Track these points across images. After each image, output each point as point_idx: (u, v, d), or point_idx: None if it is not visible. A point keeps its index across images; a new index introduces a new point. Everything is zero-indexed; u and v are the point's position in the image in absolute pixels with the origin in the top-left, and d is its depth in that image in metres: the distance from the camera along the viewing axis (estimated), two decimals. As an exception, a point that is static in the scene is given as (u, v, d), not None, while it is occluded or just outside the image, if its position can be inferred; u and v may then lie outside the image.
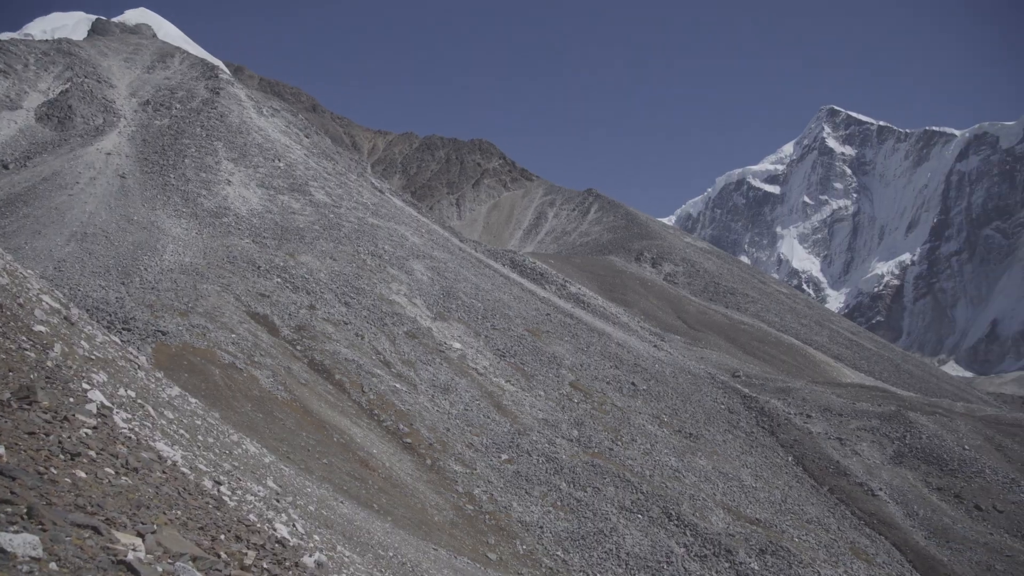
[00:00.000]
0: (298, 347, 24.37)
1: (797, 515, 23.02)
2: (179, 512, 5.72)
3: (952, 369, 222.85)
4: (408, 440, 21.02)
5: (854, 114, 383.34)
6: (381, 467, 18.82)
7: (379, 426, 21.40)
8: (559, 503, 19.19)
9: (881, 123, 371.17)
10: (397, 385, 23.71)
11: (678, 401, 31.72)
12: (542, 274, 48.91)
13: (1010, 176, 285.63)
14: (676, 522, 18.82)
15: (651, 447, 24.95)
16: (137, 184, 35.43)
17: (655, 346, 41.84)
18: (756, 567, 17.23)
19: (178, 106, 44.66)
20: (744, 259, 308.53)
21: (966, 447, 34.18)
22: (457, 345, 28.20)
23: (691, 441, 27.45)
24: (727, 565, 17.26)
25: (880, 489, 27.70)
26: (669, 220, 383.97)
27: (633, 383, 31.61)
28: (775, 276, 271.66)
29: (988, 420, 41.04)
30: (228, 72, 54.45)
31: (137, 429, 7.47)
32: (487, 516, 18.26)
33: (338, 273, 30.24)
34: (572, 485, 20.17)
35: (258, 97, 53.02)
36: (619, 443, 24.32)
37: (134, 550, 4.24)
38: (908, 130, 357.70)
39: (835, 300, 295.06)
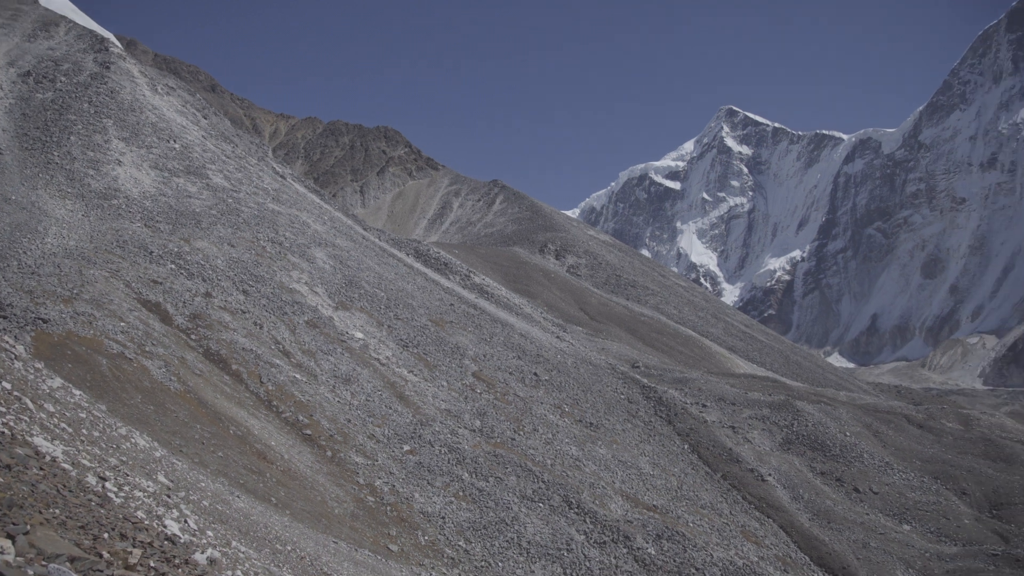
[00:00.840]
0: (193, 336, 23.46)
1: (692, 501, 23.80)
2: (57, 511, 5.39)
3: (836, 360, 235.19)
4: (308, 432, 20.59)
5: (751, 115, 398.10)
6: (280, 460, 18.36)
7: (278, 417, 20.87)
8: (461, 493, 19.20)
9: (776, 125, 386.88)
10: (297, 375, 23.17)
11: (579, 391, 32.23)
12: (446, 264, 48.75)
13: (891, 180, 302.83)
14: (576, 510, 19.13)
15: (552, 436, 25.26)
16: (16, 161, 33.24)
17: (557, 337, 42.38)
18: (653, 552, 17.70)
19: (63, 79, 42.07)
20: (645, 252, 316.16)
21: (847, 434, 36.13)
22: (359, 335, 27.78)
23: (591, 430, 27.94)
24: (625, 551, 17.68)
25: (769, 474, 28.96)
26: (573, 213, 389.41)
27: (535, 373, 31.91)
28: (674, 270, 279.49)
29: (867, 408, 43.48)
30: (119, 46, 51.66)
31: (12, 423, 7.00)
32: (388, 508, 18.08)
33: (236, 260, 29.26)
34: (474, 475, 20.21)
35: (152, 74, 50.59)
36: (521, 433, 24.51)
37: (2, 553, 3.96)
38: (800, 132, 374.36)
39: (730, 294, 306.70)
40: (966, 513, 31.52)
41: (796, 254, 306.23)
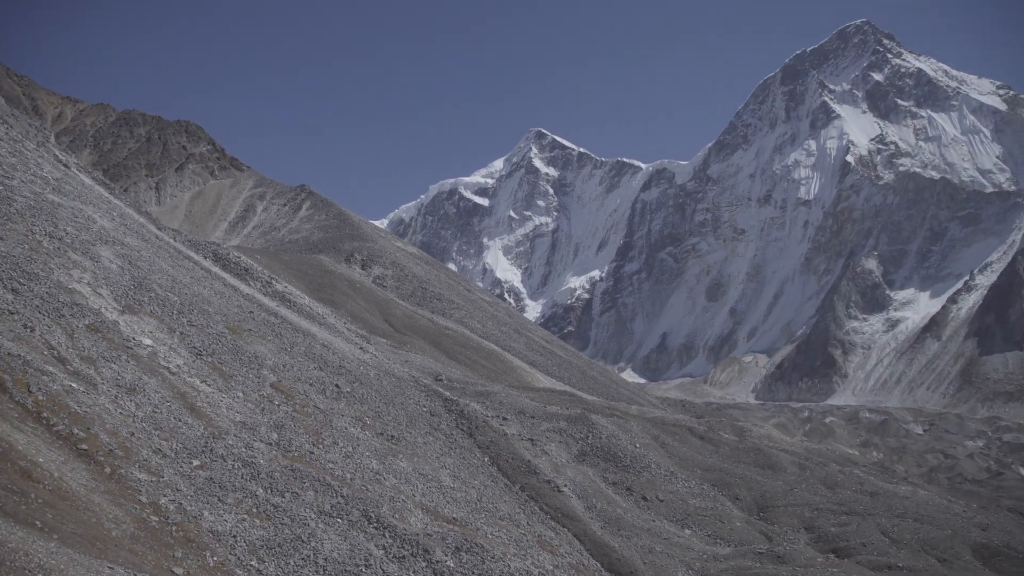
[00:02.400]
0: (-56, 339, 20.69)
1: (491, 513, 24.18)
2: None
3: (629, 376, 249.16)
4: (84, 446, 18.75)
5: (559, 138, 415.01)
6: (48, 478, 16.57)
7: (48, 431, 18.84)
8: (255, 510, 18.27)
9: (581, 150, 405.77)
10: (73, 384, 21.06)
11: (382, 404, 31.85)
12: (247, 269, 46.57)
13: (682, 209, 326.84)
14: (376, 525, 18.81)
15: (353, 450, 24.72)
16: None
17: (361, 348, 41.70)
18: (452, 564, 17.76)
19: None
20: (452, 266, 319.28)
21: (637, 445, 38.35)
22: (148, 341, 25.79)
23: (393, 443, 27.67)
24: (424, 564, 17.60)
25: (565, 485, 30.09)
26: (382, 223, 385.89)
27: (337, 385, 31.16)
28: (480, 284, 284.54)
29: (655, 421, 46.41)
30: None
31: None
32: (174, 527, 16.84)
33: (6, 255, 26.18)
34: (269, 491, 19.32)
35: (-95, 40, 44.43)
36: (320, 446, 23.78)
37: None
38: (604, 159, 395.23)
39: (533, 310, 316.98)
40: (738, 516, 34.43)
41: (595, 274, 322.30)
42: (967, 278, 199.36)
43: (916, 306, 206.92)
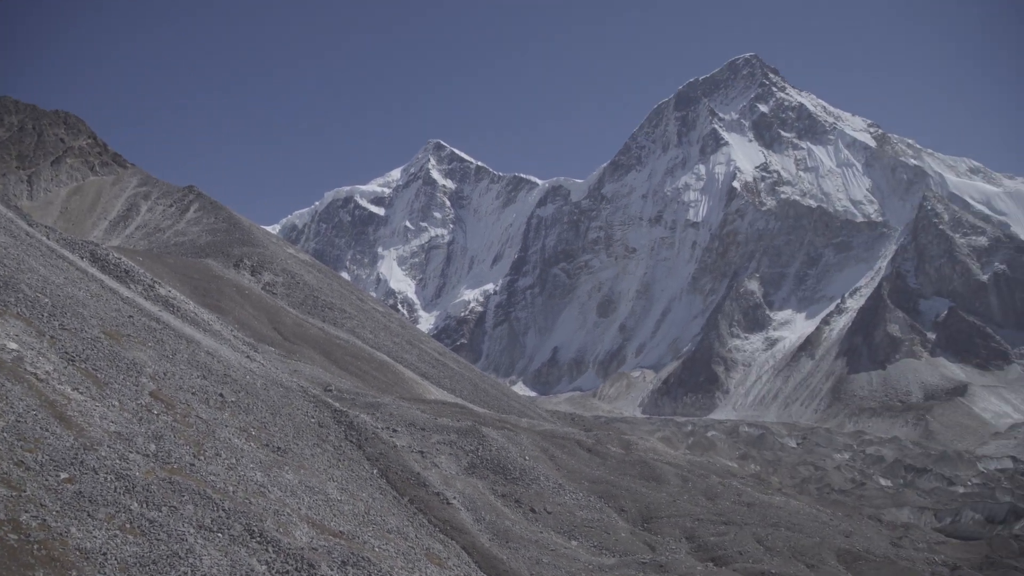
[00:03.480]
0: None
1: (379, 526, 23.79)
2: None
3: (520, 389, 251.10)
4: (-66, 458, 17.34)
5: (457, 151, 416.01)
6: None
7: None
8: (128, 525, 17.32)
9: (479, 163, 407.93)
10: (-76, 390, 19.47)
11: (268, 414, 30.90)
12: (127, 272, 44.35)
13: (576, 226, 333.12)
14: (259, 539, 18.16)
15: (236, 462, 23.84)
16: None
17: (248, 356, 40.37)
18: (337, 580, 17.37)
19: None
20: (345, 275, 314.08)
21: (527, 458, 38.64)
22: (13, 345, 24.13)
23: (279, 455, 26.86)
24: (308, 580, 17.13)
25: (454, 498, 29.96)
26: (274, 228, 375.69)
27: (221, 394, 30.03)
28: (373, 294, 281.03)
29: (545, 434, 46.92)
30: None
31: None
32: (36, 546, 15.75)
33: None
34: (145, 505, 18.36)
35: None
36: (202, 458, 22.82)
37: None
38: (501, 173, 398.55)
39: (426, 321, 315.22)
40: (623, 527, 35.17)
41: (489, 287, 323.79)
42: (839, 301, 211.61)
43: (793, 326, 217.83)
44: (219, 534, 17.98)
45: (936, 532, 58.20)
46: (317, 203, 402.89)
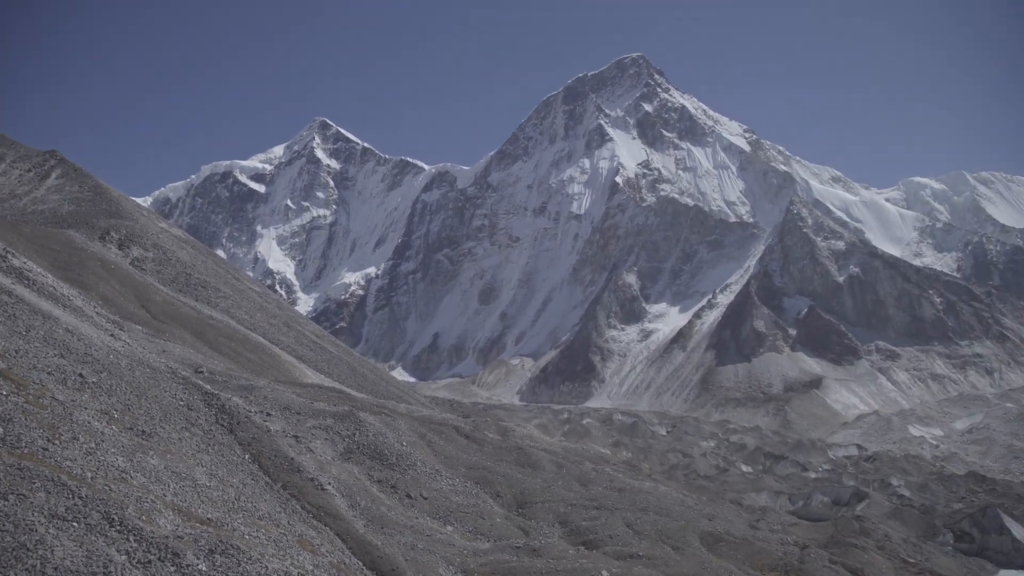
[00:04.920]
0: None
1: (250, 512, 23.06)
2: None
3: (400, 374, 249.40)
4: None
5: (343, 131, 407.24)
6: None
7: None
8: (-31, 514, 16.04)
9: (366, 145, 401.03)
10: None
11: (133, 396, 29.31)
12: (-23, 240, 40.97)
13: (461, 212, 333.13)
14: (119, 527, 17.22)
15: (96, 446, 22.49)
16: None
17: (112, 335, 38.16)
18: (204, 568, 16.69)
19: None
20: (221, 253, 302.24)
21: (404, 443, 38.40)
22: None
23: (143, 439, 25.54)
24: (173, 569, 16.38)
25: (329, 483, 29.42)
26: (145, 201, 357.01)
27: (81, 375, 28.24)
28: (250, 274, 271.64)
29: (423, 419, 46.77)
30: None
31: None
32: None
33: None
34: (-11, 492, 17.05)
35: None
36: (57, 442, 21.38)
37: None
38: (387, 156, 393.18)
39: (305, 303, 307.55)
40: (498, 513, 35.56)
41: (371, 271, 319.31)
42: (710, 296, 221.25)
43: (667, 319, 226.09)
44: (74, 523, 16.93)
45: (790, 515, 62.04)
46: (193, 176, 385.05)
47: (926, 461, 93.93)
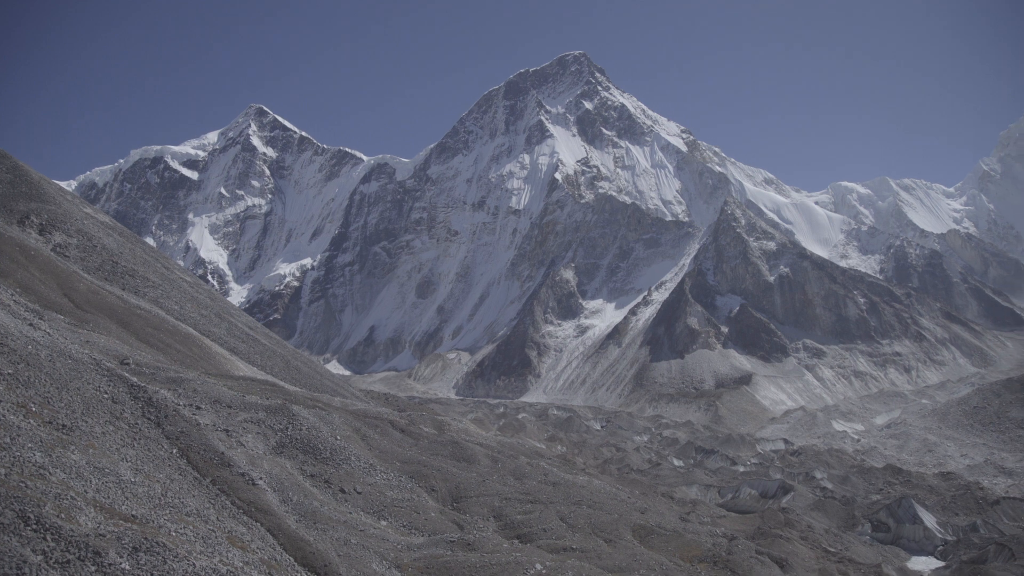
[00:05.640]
0: None
1: (177, 508, 22.42)
2: None
3: (335, 367, 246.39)
4: None
5: (280, 119, 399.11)
6: None
7: None
8: None
9: (303, 134, 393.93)
10: None
11: (53, 388, 28.19)
12: None
13: (399, 205, 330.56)
14: (35, 526, 16.51)
15: (11, 441, 21.55)
16: None
17: (31, 324, 36.64)
18: (127, 567, 16.14)
19: None
20: (150, 241, 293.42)
21: (338, 437, 37.91)
22: None
23: (64, 433, 24.59)
24: (94, 569, 15.80)
25: (260, 478, 28.82)
26: (69, 185, 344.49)
27: (-2, 365, 27.06)
28: (181, 263, 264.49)
29: (358, 413, 46.26)
30: None
31: None
32: None
33: None
34: None
35: None
36: (-30, 435, 20.45)
37: None
38: (326, 146, 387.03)
39: (238, 294, 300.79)
40: (433, 507, 35.41)
41: (307, 262, 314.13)
42: (646, 293, 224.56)
43: (603, 315, 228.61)
44: (-14, 520, 16.16)
45: (719, 507, 63.51)
46: (122, 161, 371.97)
47: (848, 455, 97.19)
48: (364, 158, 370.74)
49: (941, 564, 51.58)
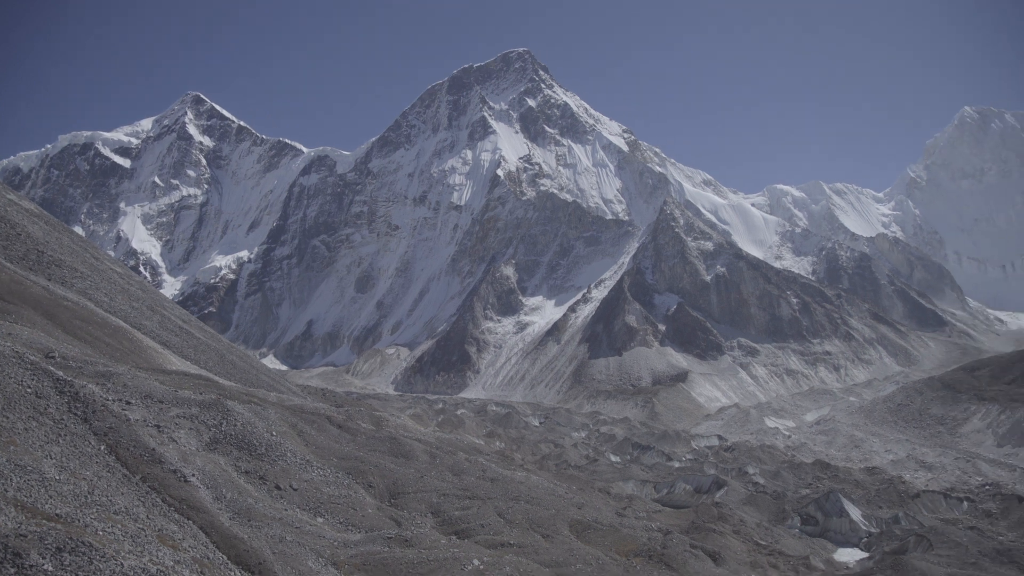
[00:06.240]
0: None
1: (104, 507, 21.76)
2: None
3: (271, 362, 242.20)
4: None
5: (218, 107, 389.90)
6: None
7: None
8: None
9: (242, 123, 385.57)
10: None
11: (-27, 382, 27.10)
12: None
13: (340, 198, 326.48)
14: (-48, 525, 15.87)
15: (-72, 435, 20.67)
16: None
17: (-49, 315, 35.13)
18: (51, 568, 15.62)
19: None
20: (79, 230, 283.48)
21: (274, 433, 37.31)
22: None
23: (-16, 429, 23.65)
24: (14, 571, 15.23)
25: (193, 475, 28.18)
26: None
27: (-87, 357, 25.88)
28: (111, 253, 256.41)
29: (294, 409, 45.59)
30: None
31: None
32: None
33: None
34: None
35: None
36: None
37: None
38: (265, 136, 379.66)
39: (172, 286, 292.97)
40: (370, 504, 35.14)
41: (244, 254, 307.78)
42: (585, 291, 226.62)
43: (543, 312, 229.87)
44: (-100, 519, 15.46)
45: (654, 502, 64.57)
46: (49, 146, 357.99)
47: (779, 451, 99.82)
48: (304, 150, 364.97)
49: (865, 555, 53.42)
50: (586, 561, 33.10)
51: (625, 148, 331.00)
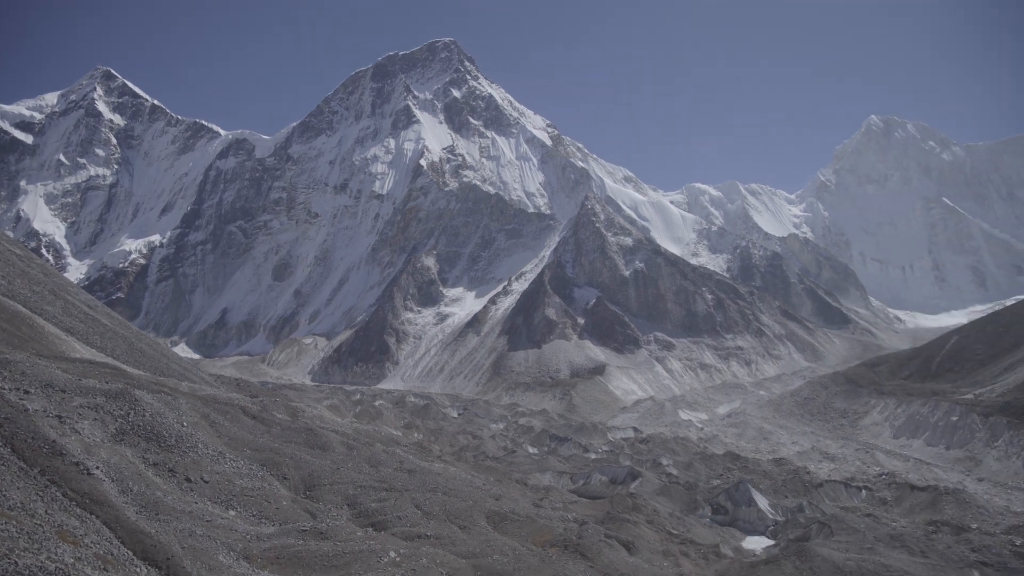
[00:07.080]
0: None
1: (-1, 501, 20.70)
2: None
3: (183, 351, 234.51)
4: None
5: (131, 84, 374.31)
6: None
7: None
8: None
9: (155, 102, 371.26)
10: None
11: None
12: None
13: (258, 183, 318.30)
14: None
15: None
16: None
17: None
18: (-61, 566, 14.80)
19: None
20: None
21: (184, 424, 36.20)
22: None
23: None
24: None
25: (97, 468, 27.08)
26: None
27: None
28: (10, 234, 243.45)
29: (207, 399, 44.35)
30: None
31: None
32: None
33: None
34: None
35: None
36: None
37: None
38: (180, 117, 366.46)
39: (77, 270, 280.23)
40: (285, 496, 34.51)
41: (156, 239, 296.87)
42: (506, 283, 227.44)
43: (463, 303, 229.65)
44: None
45: (571, 493, 65.47)
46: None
47: (692, 442, 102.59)
48: (222, 132, 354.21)
49: (771, 543, 55.48)
50: (503, 552, 33.33)
51: (548, 142, 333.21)
